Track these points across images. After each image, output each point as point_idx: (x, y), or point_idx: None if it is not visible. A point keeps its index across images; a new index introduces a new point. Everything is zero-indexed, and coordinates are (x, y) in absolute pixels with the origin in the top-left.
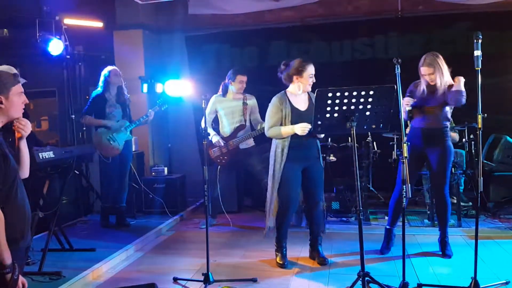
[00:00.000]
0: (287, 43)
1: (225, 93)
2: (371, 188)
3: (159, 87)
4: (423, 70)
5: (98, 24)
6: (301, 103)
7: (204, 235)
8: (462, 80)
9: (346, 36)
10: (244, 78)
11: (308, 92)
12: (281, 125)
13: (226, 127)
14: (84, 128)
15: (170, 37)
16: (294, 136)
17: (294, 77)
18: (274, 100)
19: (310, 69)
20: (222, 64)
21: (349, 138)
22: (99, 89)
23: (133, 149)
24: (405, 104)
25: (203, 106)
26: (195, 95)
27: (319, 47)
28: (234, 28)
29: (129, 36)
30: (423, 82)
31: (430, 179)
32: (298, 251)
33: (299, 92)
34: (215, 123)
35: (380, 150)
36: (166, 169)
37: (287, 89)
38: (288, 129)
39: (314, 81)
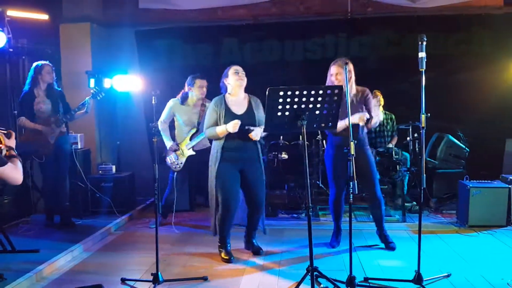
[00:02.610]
0: (240, 41)
1: (183, 100)
2: (320, 185)
3: (107, 82)
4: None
5: (43, 16)
6: (239, 106)
7: (153, 235)
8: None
9: (298, 36)
10: (204, 83)
11: (249, 96)
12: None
13: (184, 132)
14: None
15: (119, 31)
16: (229, 138)
17: (224, 81)
18: (212, 102)
19: (232, 69)
20: (174, 60)
21: (300, 137)
22: (26, 87)
23: (79, 146)
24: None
25: (153, 102)
26: (146, 91)
27: (272, 46)
28: (187, 24)
29: (76, 30)
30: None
31: (362, 184)
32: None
33: (232, 92)
34: (171, 127)
35: None
36: (114, 167)
37: (227, 92)
38: (222, 128)
39: (242, 79)
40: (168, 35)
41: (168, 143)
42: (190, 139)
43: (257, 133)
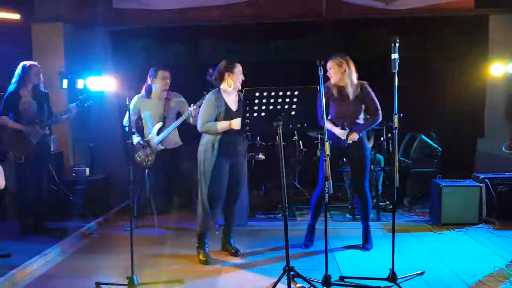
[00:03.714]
0: (215, 42)
1: (148, 94)
2: (297, 185)
3: (80, 83)
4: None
5: (14, 16)
6: (233, 103)
7: (129, 237)
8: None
9: (273, 37)
10: (167, 74)
11: (238, 93)
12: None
13: (150, 129)
14: None
15: (93, 31)
16: (225, 133)
17: (226, 74)
18: (210, 96)
19: (239, 66)
20: (149, 60)
21: (277, 137)
22: (12, 86)
23: (52, 148)
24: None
25: (127, 103)
26: (120, 92)
27: (247, 47)
28: (162, 24)
29: (48, 30)
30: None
31: (351, 177)
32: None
33: (230, 89)
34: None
35: (305, 148)
36: (87, 169)
37: (220, 87)
38: (225, 124)
39: (243, 78)
40: (142, 35)
41: (135, 140)
42: (158, 134)
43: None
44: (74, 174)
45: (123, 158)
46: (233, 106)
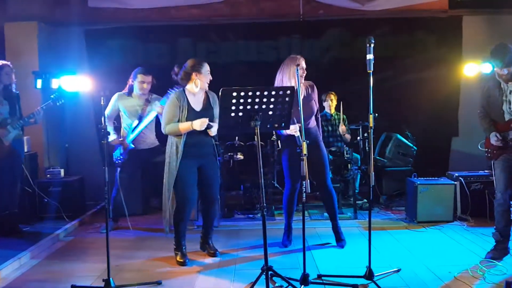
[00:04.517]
0: (194, 41)
1: (129, 93)
2: (276, 184)
3: (55, 83)
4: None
5: None
6: (197, 103)
7: (105, 240)
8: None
9: (252, 37)
10: (146, 79)
11: (207, 92)
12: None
13: (127, 122)
14: None
15: (68, 30)
16: (190, 134)
17: (193, 74)
18: (172, 96)
19: (207, 66)
20: (126, 60)
21: (255, 137)
22: None
23: (25, 149)
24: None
25: (102, 103)
26: (95, 92)
27: (226, 47)
28: (139, 23)
29: (22, 29)
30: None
31: (313, 173)
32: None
33: (197, 89)
34: (118, 121)
35: None
36: (62, 171)
37: (186, 87)
38: (186, 125)
39: (211, 78)
40: (119, 34)
41: (111, 137)
42: (132, 131)
43: (215, 129)
44: (48, 175)
45: (99, 159)
46: (197, 106)
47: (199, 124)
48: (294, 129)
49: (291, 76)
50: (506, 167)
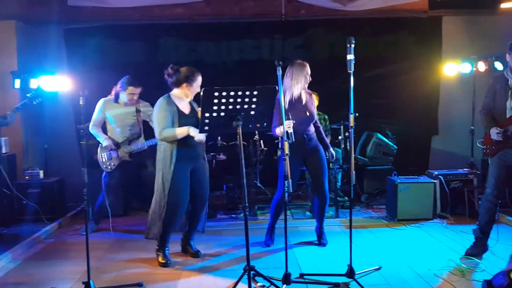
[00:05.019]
0: (176, 41)
1: (116, 99)
2: (258, 184)
3: (33, 83)
4: None
5: None
6: (185, 106)
7: (85, 242)
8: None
9: (234, 37)
10: (136, 91)
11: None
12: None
13: (117, 134)
14: None
15: (47, 29)
16: (182, 138)
17: (184, 85)
18: (162, 101)
19: (200, 79)
20: (106, 59)
21: (237, 137)
22: None
23: (3, 151)
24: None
25: (81, 103)
26: (75, 91)
27: (208, 46)
28: (120, 22)
29: (0, 28)
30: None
31: (312, 177)
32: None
33: (186, 99)
34: (104, 128)
35: (266, 148)
36: (41, 172)
37: (172, 92)
38: (183, 130)
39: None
40: (99, 33)
41: (106, 142)
42: (129, 144)
43: (201, 135)
44: (27, 177)
45: (78, 160)
46: (185, 110)
47: (195, 133)
48: (288, 125)
49: (304, 83)
50: (500, 165)
